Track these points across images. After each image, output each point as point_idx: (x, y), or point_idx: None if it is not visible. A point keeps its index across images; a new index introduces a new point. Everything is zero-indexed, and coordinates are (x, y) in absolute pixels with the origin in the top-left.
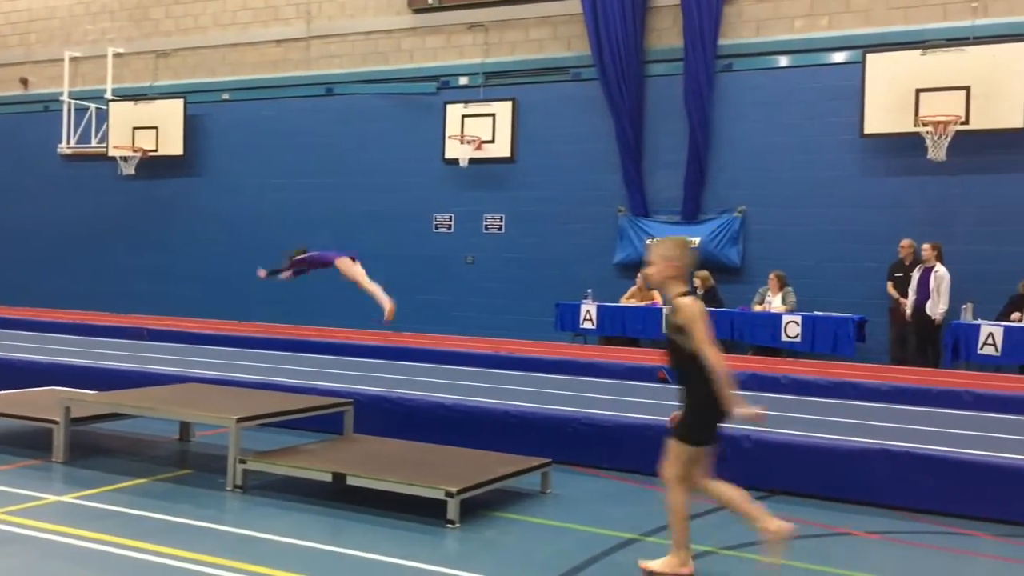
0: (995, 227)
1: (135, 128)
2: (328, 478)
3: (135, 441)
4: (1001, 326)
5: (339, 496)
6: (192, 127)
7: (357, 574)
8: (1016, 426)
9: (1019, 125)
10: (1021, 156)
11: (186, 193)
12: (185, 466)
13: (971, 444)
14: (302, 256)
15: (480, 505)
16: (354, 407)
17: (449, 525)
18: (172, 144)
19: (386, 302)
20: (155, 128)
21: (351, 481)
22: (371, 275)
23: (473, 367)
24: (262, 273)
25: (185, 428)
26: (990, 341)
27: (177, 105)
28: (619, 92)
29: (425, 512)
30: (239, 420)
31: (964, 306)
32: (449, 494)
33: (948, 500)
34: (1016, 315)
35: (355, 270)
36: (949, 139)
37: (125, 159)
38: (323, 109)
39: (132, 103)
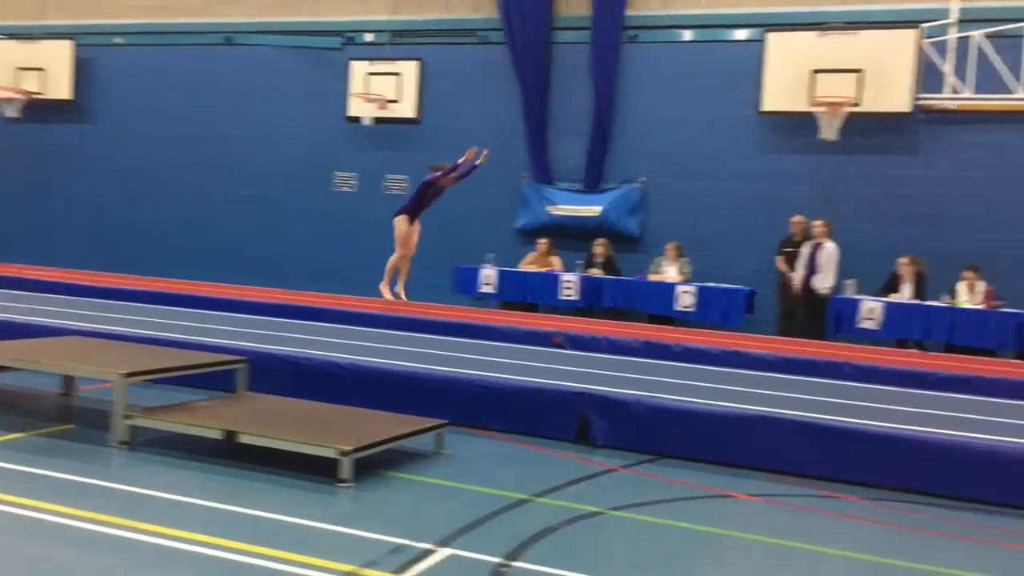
0: (879, 207)
1: (19, 69)
2: (219, 436)
3: (14, 394)
4: (881, 302)
5: (230, 455)
6: (82, 71)
7: (249, 532)
8: (891, 396)
9: (906, 109)
10: (906, 140)
11: (76, 140)
12: (68, 421)
13: (847, 412)
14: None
15: (374, 465)
16: (248, 365)
17: (341, 484)
18: (60, 88)
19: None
20: (41, 70)
21: (242, 439)
22: (270, 232)
23: (371, 328)
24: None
25: (69, 383)
26: (870, 316)
27: (65, 47)
28: (526, 58)
29: (318, 472)
30: (126, 375)
31: (847, 282)
32: (342, 453)
33: (823, 465)
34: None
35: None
36: (841, 120)
37: (9, 101)
38: (222, 59)
39: (16, 42)
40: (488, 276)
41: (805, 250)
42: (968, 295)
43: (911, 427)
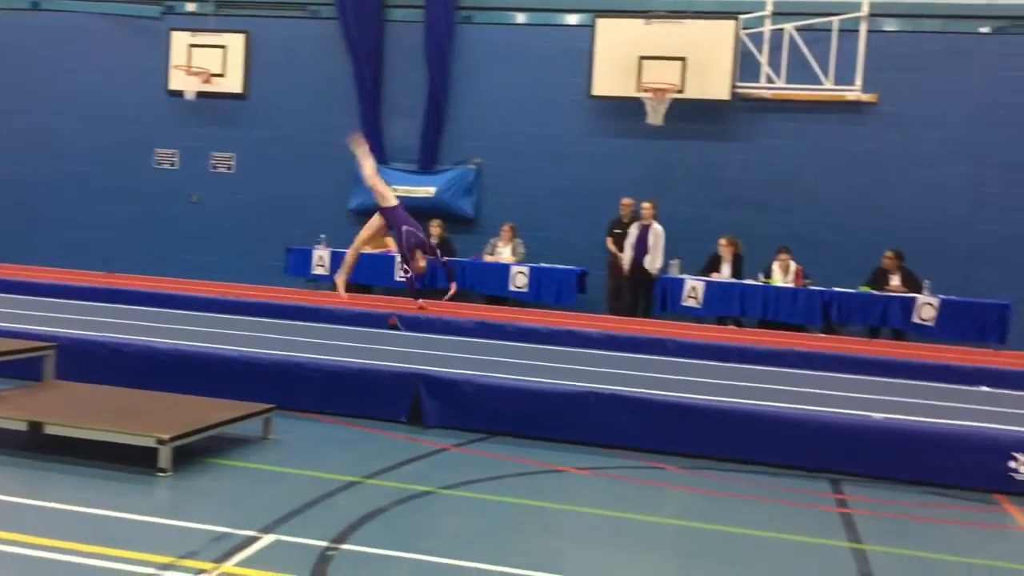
0: (702, 190)
1: None
2: (23, 427)
3: None
4: (703, 281)
5: (37, 447)
6: None
7: (61, 527)
8: (711, 370)
9: (726, 97)
10: (726, 126)
11: None
12: None
13: (670, 387)
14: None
15: (196, 453)
16: (56, 352)
17: (160, 474)
18: None
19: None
20: None
21: (49, 430)
22: (90, 212)
23: (196, 311)
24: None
25: None
26: (693, 294)
27: None
28: (358, 34)
29: (136, 462)
30: None
31: (673, 262)
32: (160, 441)
33: (650, 438)
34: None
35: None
36: (667, 106)
37: None
38: (29, 25)
39: None
40: (321, 258)
41: (633, 231)
42: (781, 275)
43: (730, 399)
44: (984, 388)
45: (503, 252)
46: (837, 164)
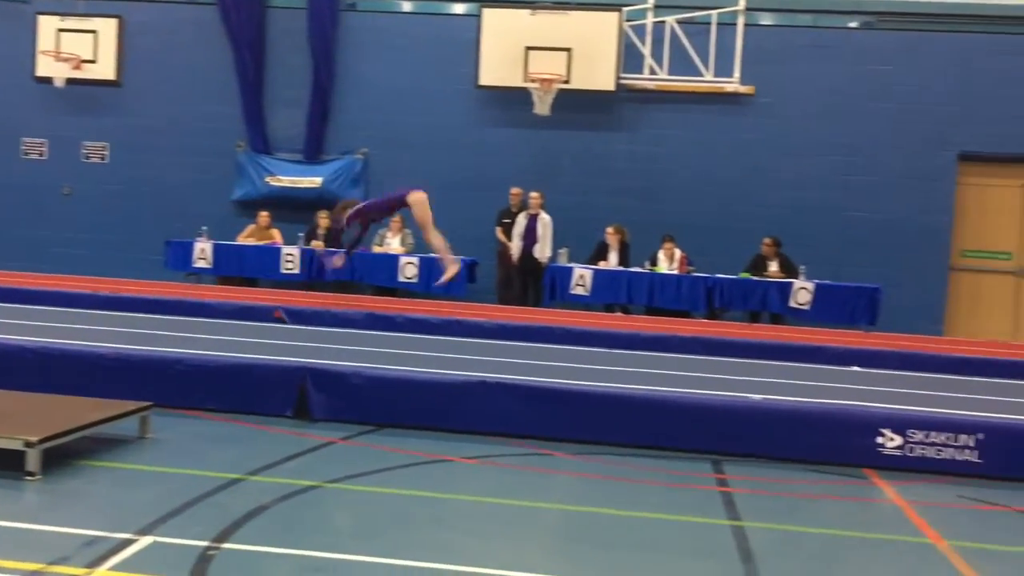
0: (589, 179)
1: None
2: None
3: None
4: (591, 269)
5: None
6: None
7: None
8: (599, 357)
9: (611, 88)
10: (611, 116)
11: None
12: None
13: (557, 374)
14: (356, 209)
15: (67, 455)
16: None
17: (29, 478)
18: None
19: (451, 263)
20: None
21: None
22: None
23: (71, 308)
24: (335, 262)
25: None
26: (581, 282)
27: None
28: (238, 20)
29: (2, 466)
30: None
31: (561, 251)
32: (28, 444)
33: (539, 425)
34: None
35: (428, 211)
36: (553, 96)
37: None
38: None
39: None
40: (203, 250)
41: (522, 221)
42: (667, 262)
43: (616, 385)
44: (855, 368)
45: (392, 243)
46: (718, 154)
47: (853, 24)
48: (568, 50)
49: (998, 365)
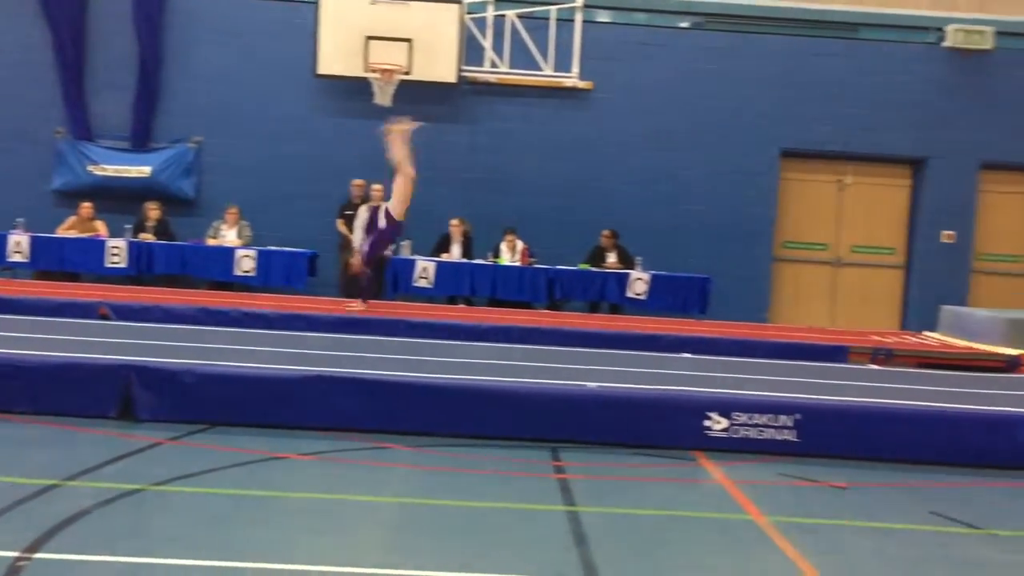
0: (432, 172)
1: None
2: None
3: None
4: (434, 261)
5: None
6: None
7: None
8: (441, 349)
9: (452, 80)
10: (453, 108)
11: None
12: None
13: (399, 367)
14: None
15: None
16: None
17: None
18: None
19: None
20: None
21: None
22: None
23: None
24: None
25: None
26: (424, 275)
27: None
28: (56, 0)
29: None
30: None
31: (404, 243)
32: None
33: (374, 418)
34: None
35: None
36: (395, 87)
37: None
38: None
39: None
40: (18, 243)
41: (363, 213)
42: (509, 254)
43: (455, 376)
44: (687, 355)
45: (227, 235)
46: (558, 148)
47: (684, 24)
48: (409, 41)
49: (815, 349)
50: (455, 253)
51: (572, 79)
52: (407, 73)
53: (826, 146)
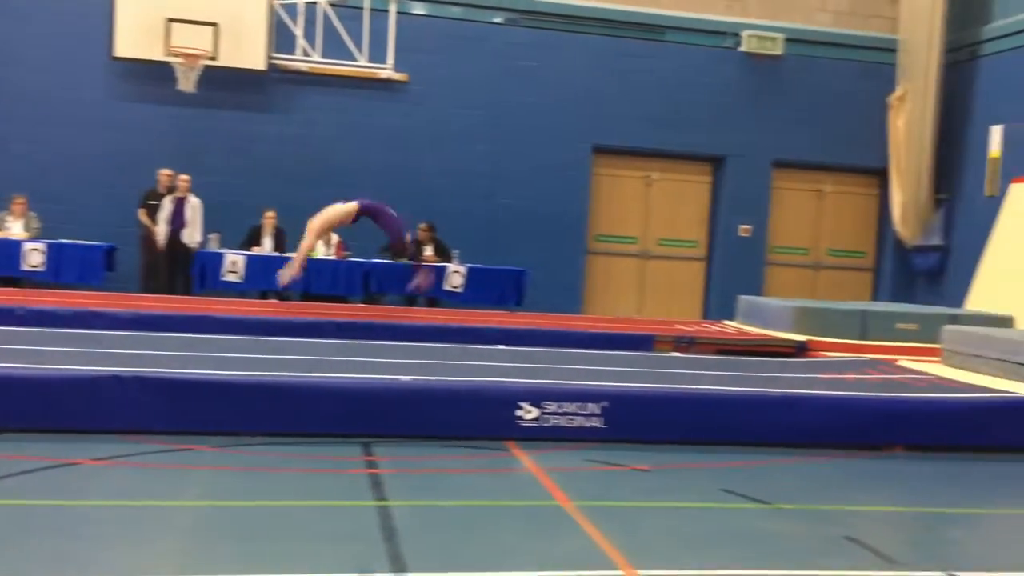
0: (241, 162)
1: None
2: None
3: None
4: (243, 255)
5: None
6: None
7: None
8: (249, 346)
9: (261, 67)
10: (263, 97)
11: None
12: None
13: (201, 365)
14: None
15: None
16: None
17: None
18: None
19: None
20: None
21: None
22: None
23: None
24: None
25: None
26: (233, 269)
27: None
28: None
29: None
30: None
31: (212, 236)
32: None
33: (176, 419)
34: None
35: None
36: (199, 72)
37: None
38: None
39: None
40: None
41: (168, 204)
42: (323, 247)
43: (264, 373)
44: (501, 347)
45: (13, 227)
46: (374, 139)
47: (498, 20)
48: (214, 25)
49: (624, 339)
50: (267, 246)
51: (387, 70)
52: (212, 58)
53: (634, 143)
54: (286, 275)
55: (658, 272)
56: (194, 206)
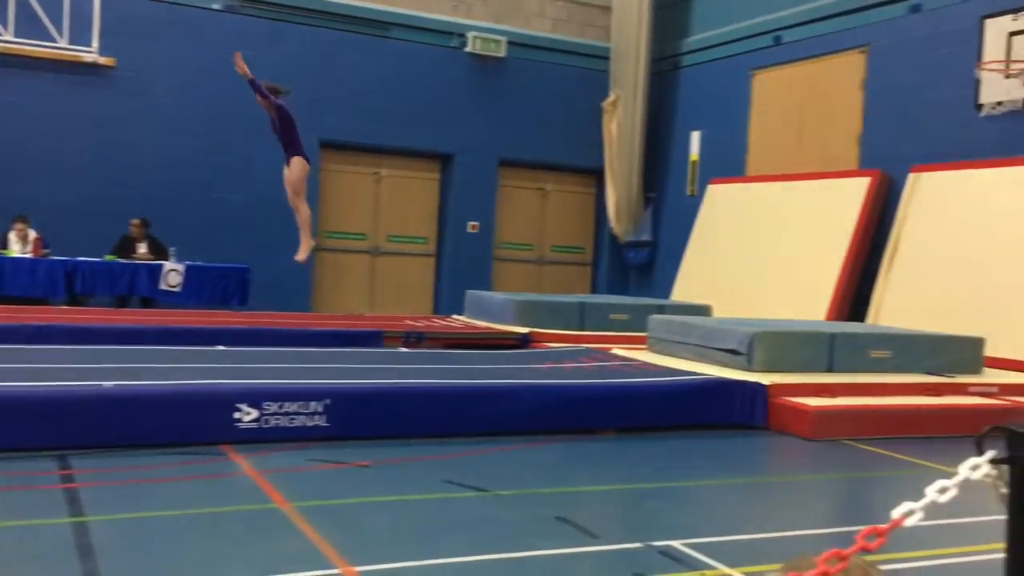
0: None
1: None
2: None
3: None
4: None
5: None
6: None
7: None
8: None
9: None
10: None
11: None
12: None
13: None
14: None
15: None
16: None
17: None
18: None
19: (308, 240)
20: None
21: None
22: None
23: None
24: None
25: None
26: None
27: None
28: None
29: None
30: None
31: None
32: None
33: None
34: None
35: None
36: None
37: None
38: None
39: None
40: None
41: None
42: (19, 245)
43: None
44: (220, 347)
45: None
46: (79, 128)
47: (216, 6)
48: None
49: (353, 335)
50: None
51: (92, 54)
52: None
53: (363, 139)
54: (305, 250)
55: (389, 269)
56: None
